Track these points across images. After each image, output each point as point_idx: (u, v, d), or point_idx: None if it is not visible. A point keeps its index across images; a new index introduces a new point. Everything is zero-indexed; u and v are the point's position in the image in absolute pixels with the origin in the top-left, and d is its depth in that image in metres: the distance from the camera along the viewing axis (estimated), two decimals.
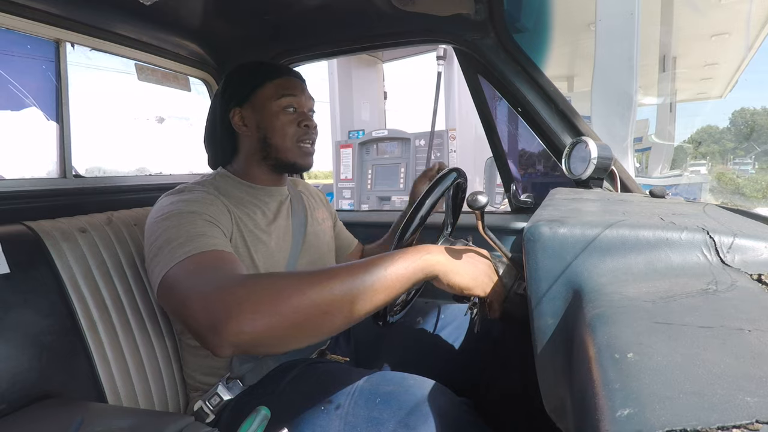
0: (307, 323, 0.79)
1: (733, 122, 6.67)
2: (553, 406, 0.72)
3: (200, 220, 1.02)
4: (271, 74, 1.29)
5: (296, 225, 1.35)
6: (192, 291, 0.84)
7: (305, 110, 1.31)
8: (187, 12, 1.53)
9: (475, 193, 1.12)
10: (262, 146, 1.29)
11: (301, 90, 1.30)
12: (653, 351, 0.43)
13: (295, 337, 0.80)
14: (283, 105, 1.27)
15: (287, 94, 1.27)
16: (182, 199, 1.08)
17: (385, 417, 0.94)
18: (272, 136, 1.28)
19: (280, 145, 1.28)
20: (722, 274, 0.59)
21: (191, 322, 0.81)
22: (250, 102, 1.28)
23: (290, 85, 1.29)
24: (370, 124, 6.56)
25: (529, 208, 1.74)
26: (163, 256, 0.93)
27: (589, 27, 4.02)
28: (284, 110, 1.27)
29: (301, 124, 1.29)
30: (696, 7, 4.07)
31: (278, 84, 1.28)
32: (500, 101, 1.66)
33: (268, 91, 1.27)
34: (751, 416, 0.32)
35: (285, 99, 1.27)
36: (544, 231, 0.70)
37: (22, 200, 1.29)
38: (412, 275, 0.86)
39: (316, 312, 0.79)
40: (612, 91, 3.04)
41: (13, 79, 1.40)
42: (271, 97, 1.27)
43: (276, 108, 1.27)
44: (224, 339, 0.76)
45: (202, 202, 1.09)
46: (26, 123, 1.45)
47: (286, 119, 1.27)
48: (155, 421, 0.84)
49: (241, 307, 0.77)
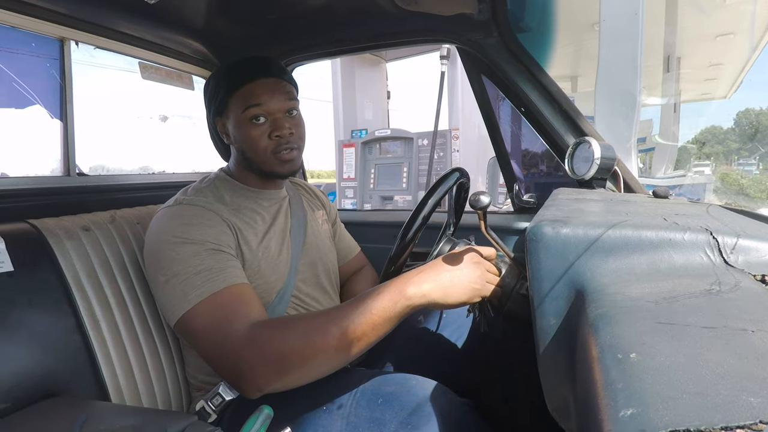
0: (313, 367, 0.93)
1: (738, 123, 6.65)
2: (556, 406, 0.72)
3: (204, 251, 1.03)
4: (235, 83, 1.19)
5: (296, 226, 1.33)
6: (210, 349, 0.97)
7: (279, 115, 1.20)
8: (191, 11, 1.53)
9: (478, 193, 1.12)
10: (243, 157, 1.24)
11: (269, 93, 1.19)
12: (656, 351, 0.43)
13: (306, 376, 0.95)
14: (250, 117, 1.18)
15: (251, 104, 1.17)
16: (183, 222, 1.07)
17: (387, 417, 0.95)
18: (246, 149, 1.22)
19: (255, 158, 1.22)
20: (726, 275, 0.59)
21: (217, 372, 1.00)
22: (225, 113, 1.23)
23: (254, 92, 1.18)
24: (373, 123, 6.55)
25: (532, 208, 1.74)
26: (175, 295, 1.00)
27: (593, 27, 4.01)
28: (252, 122, 1.18)
29: (273, 135, 1.19)
30: (700, 8, 4.06)
31: (242, 94, 1.18)
32: (503, 101, 1.65)
33: (235, 103, 1.19)
34: (754, 417, 0.32)
35: (251, 110, 1.17)
36: (546, 231, 0.70)
37: (26, 198, 1.29)
38: (401, 313, 0.93)
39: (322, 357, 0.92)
40: (616, 92, 3.04)
41: (18, 77, 1.40)
42: (237, 109, 1.19)
43: (243, 121, 1.18)
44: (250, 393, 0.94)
45: (202, 225, 1.07)
46: (30, 121, 1.45)
47: (256, 132, 1.18)
48: (159, 420, 0.84)
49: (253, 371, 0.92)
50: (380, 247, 1.66)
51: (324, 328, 0.92)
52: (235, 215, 1.17)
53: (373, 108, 6.69)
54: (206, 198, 1.17)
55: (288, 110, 1.22)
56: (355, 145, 6.05)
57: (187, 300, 0.98)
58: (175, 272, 1.01)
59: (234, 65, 1.23)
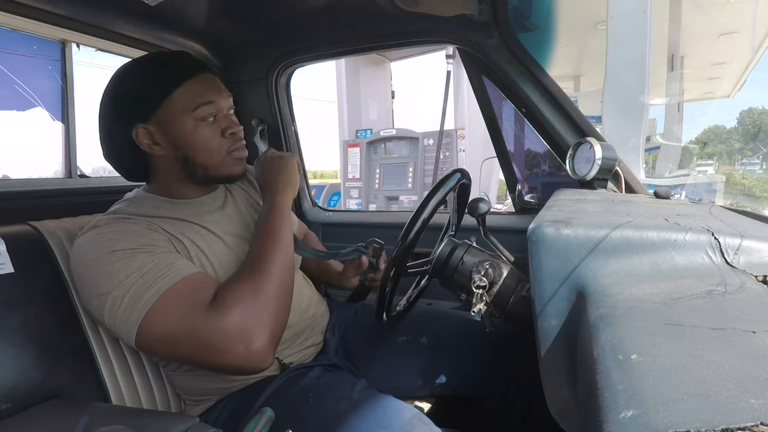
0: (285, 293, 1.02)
1: (741, 122, 6.62)
2: (557, 408, 0.72)
3: (142, 253, 0.95)
4: (172, 81, 1.04)
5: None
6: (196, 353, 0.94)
7: (227, 112, 1.11)
8: (192, 12, 1.53)
9: (476, 200, 1.12)
10: (185, 165, 1.09)
11: (217, 91, 1.08)
12: (657, 352, 0.43)
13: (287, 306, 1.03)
14: (201, 116, 1.05)
15: (203, 102, 1.05)
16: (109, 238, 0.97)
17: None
18: (196, 154, 1.08)
19: (208, 161, 1.09)
20: (730, 276, 0.59)
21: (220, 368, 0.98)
22: (155, 117, 1.04)
23: (204, 89, 1.06)
24: (378, 123, 6.54)
25: (533, 208, 1.73)
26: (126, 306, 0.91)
27: (596, 26, 4.01)
28: (203, 122, 1.06)
29: (227, 133, 1.09)
30: (704, 6, 4.05)
31: (186, 93, 1.04)
32: (505, 102, 1.65)
33: (178, 102, 1.04)
34: (755, 418, 0.32)
35: (203, 109, 1.05)
36: (548, 232, 0.70)
37: (27, 200, 1.29)
38: (285, 217, 1.11)
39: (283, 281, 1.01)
40: (624, 90, 3.03)
41: (20, 79, 1.41)
42: (184, 109, 1.04)
43: (192, 122, 1.05)
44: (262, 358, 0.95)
45: (131, 235, 0.98)
46: (32, 123, 1.45)
47: (208, 132, 1.07)
48: (161, 422, 0.84)
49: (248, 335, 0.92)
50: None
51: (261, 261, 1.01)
52: (165, 223, 1.06)
53: (378, 108, 6.69)
54: (127, 213, 1.07)
55: (230, 108, 1.13)
56: (359, 145, 6.03)
57: (141, 303, 0.90)
58: (118, 283, 0.92)
59: (158, 62, 1.11)
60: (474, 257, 1.14)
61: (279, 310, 0.99)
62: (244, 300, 0.94)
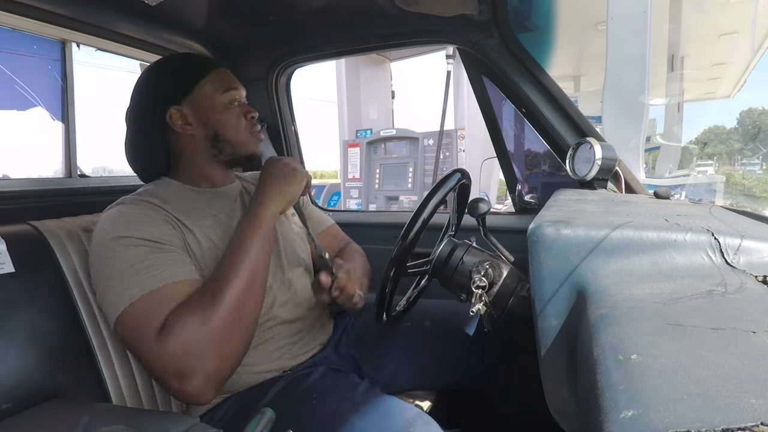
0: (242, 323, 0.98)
1: (741, 122, 6.62)
2: (557, 408, 0.72)
3: (147, 249, 1.00)
4: (202, 69, 1.22)
5: None
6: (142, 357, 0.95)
7: (244, 100, 1.27)
8: (192, 12, 1.53)
9: (476, 200, 1.12)
10: (213, 143, 1.21)
11: (235, 81, 1.25)
12: (658, 352, 0.43)
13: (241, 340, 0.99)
14: (229, 99, 1.21)
15: (231, 87, 1.21)
16: (126, 220, 1.04)
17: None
18: (224, 131, 1.21)
19: (234, 139, 1.22)
20: (730, 276, 0.59)
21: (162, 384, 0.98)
22: (189, 99, 1.19)
23: (229, 78, 1.23)
24: (378, 123, 6.54)
25: (533, 208, 1.73)
26: (110, 296, 0.97)
27: (596, 26, 4.01)
28: (231, 104, 1.21)
29: (248, 116, 1.24)
30: (704, 6, 4.05)
31: (215, 80, 1.21)
32: (505, 102, 1.65)
33: (210, 85, 1.20)
34: (756, 418, 0.32)
35: (231, 93, 1.21)
36: (548, 232, 0.70)
37: (28, 200, 1.29)
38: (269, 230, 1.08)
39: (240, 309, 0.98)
40: (624, 91, 3.03)
41: (20, 79, 1.41)
42: (215, 91, 1.20)
43: (223, 102, 1.20)
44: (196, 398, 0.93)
45: (146, 222, 1.04)
46: (32, 123, 1.45)
47: (234, 113, 1.22)
48: (161, 422, 0.84)
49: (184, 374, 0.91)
50: (382, 248, 1.66)
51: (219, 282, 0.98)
52: (184, 217, 1.12)
53: (378, 108, 6.69)
54: (149, 198, 1.13)
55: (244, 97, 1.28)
56: (359, 145, 6.03)
57: (122, 300, 0.95)
58: (116, 272, 0.97)
59: (191, 56, 1.30)
60: (474, 257, 1.14)
61: (228, 344, 0.96)
62: (188, 331, 0.91)
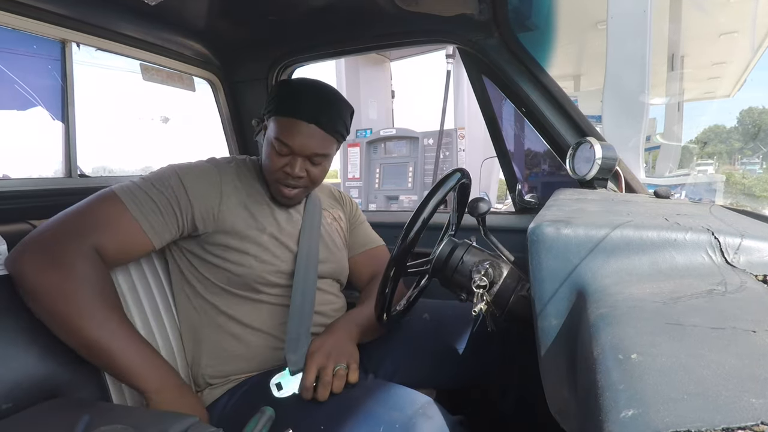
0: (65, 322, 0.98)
1: (741, 122, 6.62)
2: (558, 408, 0.72)
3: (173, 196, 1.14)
4: (283, 108, 1.22)
5: (308, 223, 1.34)
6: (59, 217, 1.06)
7: (301, 156, 1.23)
8: (192, 12, 1.53)
9: (476, 200, 1.12)
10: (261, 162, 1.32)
11: (304, 138, 1.21)
12: (658, 352, 0.42)
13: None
14: (276, 146, 1.22)
15: (282, 140, 1.21)
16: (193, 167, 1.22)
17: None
18: (264, 161, 1.28)
19: (266, 173, 1.29)
20: (730, 275, 0.59)
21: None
22: (267, 121, 1.27)
23: (290, 130, 1.20)
24: (378, 122, 6.55)
25: (533, 208, 1.73)
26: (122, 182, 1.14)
27: (596, 26, 4.01)
28: (278, 151, 1.22)
29: (285, 168, 1.24)
30: (704, 6, 4.05)
31: (281, 123, 1.21)
32: (505, 102, 1.65)
33: (272, 124, 1.24)
34: (756, 418, 0.32)
35: (278, 142, 1.22)
36: (548, 231, 0.70)
37: (28, 200, 1.29)
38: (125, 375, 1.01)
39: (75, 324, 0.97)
40: (624, 90, 3.03)
41: (20, 78, 1.40)
42: (271, 130, 1.24)
43: (272, 143, 1.23)
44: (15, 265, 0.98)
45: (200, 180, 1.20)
46: (32, 122, 1.45)
47: (274, 158, 1.24)
48: (160, 421, 0.84)
49: (34, 261, 0.97)
50: None
51: (105, 317, 1.00)
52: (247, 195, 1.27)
53: (378, 107, 6.69)
54: (228, 166, 1.29)
55: (314, 154, 1.24)
56: (359, 145, 6.03)
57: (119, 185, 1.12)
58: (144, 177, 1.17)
59: (296, 87, 1.25)
60: (474, 257, 1.14)
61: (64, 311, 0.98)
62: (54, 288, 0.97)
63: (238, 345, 1.21)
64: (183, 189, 1.16)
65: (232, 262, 1.20)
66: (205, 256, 1.21)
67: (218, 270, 1.21)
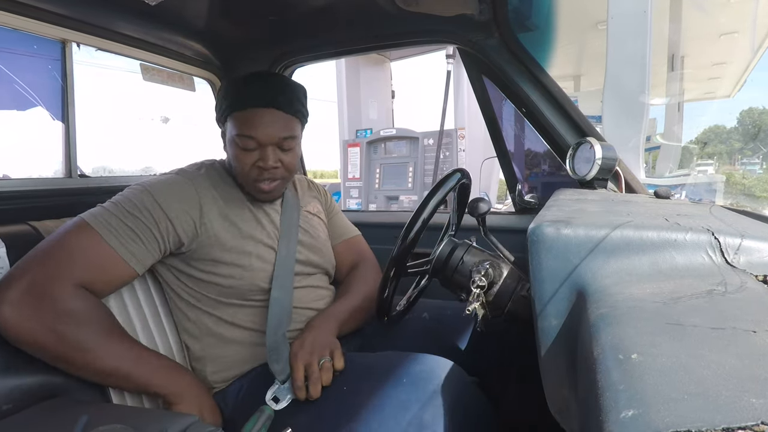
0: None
1: (741, 122, 6.62)
2: (558, 407, 0.72)
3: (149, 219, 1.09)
4: (238, 103, 1.19)
5: (286, 221, 1.32)
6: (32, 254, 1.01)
7: (269, 146, 1.19)
8: (192, 12, 1.53)
9: (476, 200, 1.12)
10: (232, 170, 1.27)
11: (266, 125, 1.18)
12: (658, 352, 0.42)
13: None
14: (241, 144, 1.19)
15: (244, 134, 1.17)
16: (166, 184, 1.16)
17: (411, 399, 0.97)
18: (233, 167, 1.25)
19: (238, 178, 1.25)
20: (730, 275, 0.59)
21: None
22: (225, 124, 1.24)
23: (251, 121, 1.17)
24: (378, 122, 6.54)
25: (533, 208, 1.73)
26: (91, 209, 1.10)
27: (597, 26, 4.01)
28: (244, 147, 1.19)
29: (257, 164, 1.20)
30: (704, 6, 4.05)
31: (240, 118, 1.18)
32: (505, 102, 1.65)
33: (232, 122, 1.20)
34: (756, 417, 0.32)
35: (242, 139, 1.18)
36: (548, 231, 0.70)
37: (27, 200, 1.29)
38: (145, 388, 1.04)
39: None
40: (624, 90, 3.03)
41: (20, 78, 1.40)
42: (232, 129, 1.20)
43: (235, 142, 1.20)
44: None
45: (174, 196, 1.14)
46: (32, 122, 1.45)
47: (243, 157, 1.20)
48: (159, 421, 0.84)
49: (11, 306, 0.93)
50: (383, 248, 1.66)
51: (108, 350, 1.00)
52: (225, 202, 1.22)
53: (378, 107, 6.69)
54: (200, 174, 1.23)
55: (280, 141, 1.20)
56: (359, 145, 6.03)
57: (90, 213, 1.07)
58: (115, 200, 1.12)
59: (244, 81, 1.22)
60: (474, 257, 1.14)
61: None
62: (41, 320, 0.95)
63: (240, 349, 1.21)
64: (160, 209, 1.11)
65: (222, 276, 1.18)
66: (194, 273, 1.19)
67: (209, 285, 1.19)
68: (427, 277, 1.25)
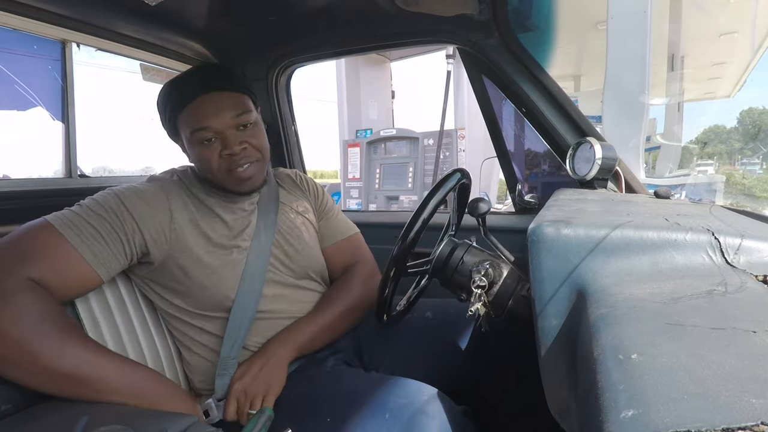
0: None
1: (741, 122, 6.62)
2: (558, 408, 0.72)
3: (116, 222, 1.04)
4: (178, 104, 1.14)
5: (261, 223, 1.26)
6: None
7: (228, 132, 1.13)
8: (192, 12, 1.53)
9: (476, 200, 1.12)
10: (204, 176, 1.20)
11: (214, 112, 1.12)
12: (658, 352, 0.42)
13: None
14: (199, 140, 1.12)
15: (197, 128, 1.11)
16: (136, 191, 1.11)
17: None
18: (202, 170, 1.18)
19: (213, 179, 1.17)
20: (730, 275, 0.59)
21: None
22: (177, 135, 1.19)
23: (198, 114, 1.12)
24: (378, 123, 6.55)
25: (533, 208, 1.73)
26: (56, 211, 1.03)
27: (597, 26, 4.01)
28: (202, 144, 1.13)
29: (223, 154, 1.13)
30: (704, 6, 4.05)
31: (186, 117, 1.13)
32: (505, 102, 1.65)
33: (182, 126, 1.15)
34: (756, 418, 0.32)
35: (198, 134, 1.12)
36: (548, 231, 0.70)
37: (27, 200, 1.29)
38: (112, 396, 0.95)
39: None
40: (624, 90, 3.03)
41: (20, 79, 1.41)
42: (186, 132, 1.14)
43: (193, 143, 1.14)
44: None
45: (144, 203, 1.09)
46: (32, 123, 1.45)
47: (207, 152, 1.13)
48: (159, 421, 0.84)
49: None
50: (383, 248, 1.66)
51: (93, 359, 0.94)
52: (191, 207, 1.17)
53: (378, 107, 6.69)
54: (172, 181, 1.19)
55: (241, 124, 1.15)
56: (359, 145, 6.03)
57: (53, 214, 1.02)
58: (81, 203, 1.06)
59: (176, 82, 1.18)
60: (474, 257, 1.14)
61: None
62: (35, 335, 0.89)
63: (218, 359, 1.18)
64: (127, 212, 1.06)
65: (196, 286, 1.14)
66: (169, 284, 1.15)
67: (185, 297, 1.16)
68: (427, 277, 1.25)
